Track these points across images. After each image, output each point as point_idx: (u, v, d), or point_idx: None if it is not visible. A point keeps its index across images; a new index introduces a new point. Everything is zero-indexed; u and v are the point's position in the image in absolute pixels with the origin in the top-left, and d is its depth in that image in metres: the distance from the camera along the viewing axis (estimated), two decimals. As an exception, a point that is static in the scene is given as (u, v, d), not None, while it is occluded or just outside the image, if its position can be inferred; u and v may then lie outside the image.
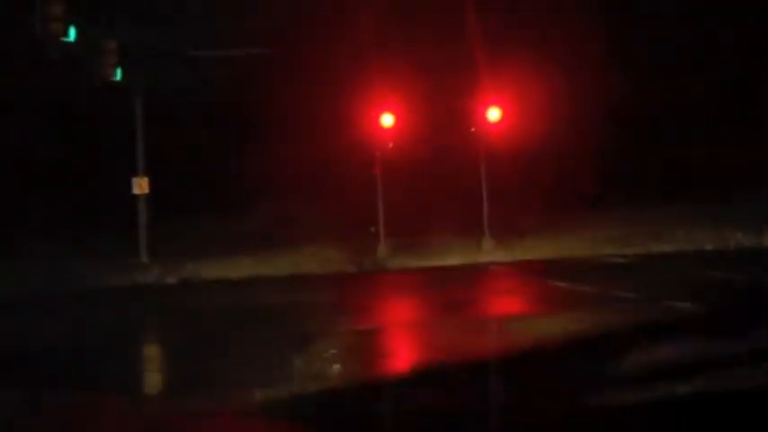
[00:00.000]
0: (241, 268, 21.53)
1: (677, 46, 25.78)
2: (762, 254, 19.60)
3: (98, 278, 20.39)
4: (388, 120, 23.61)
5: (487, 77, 23.97)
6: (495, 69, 23.80)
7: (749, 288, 13.00)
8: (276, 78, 25.47)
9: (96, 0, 22.26)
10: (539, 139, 24.68)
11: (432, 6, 25.53)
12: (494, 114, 23.75)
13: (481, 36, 24.24)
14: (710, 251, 20.70)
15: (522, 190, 25.28)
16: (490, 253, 22.89)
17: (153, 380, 9.35)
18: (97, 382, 8.18)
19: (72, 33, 19.84)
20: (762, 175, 23.64)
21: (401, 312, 14.27)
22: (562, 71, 25.04)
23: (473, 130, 24.33)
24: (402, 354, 10.17)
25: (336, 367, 8.63)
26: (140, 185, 23.02)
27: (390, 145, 24.13)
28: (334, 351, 9.48)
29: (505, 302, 14.74)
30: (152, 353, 11.46)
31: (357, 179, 24.50)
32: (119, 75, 21.69)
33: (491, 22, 24.42)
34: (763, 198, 22.85)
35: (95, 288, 19.55)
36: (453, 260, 22.03)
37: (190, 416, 1.90)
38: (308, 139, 24.85)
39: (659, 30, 26.02)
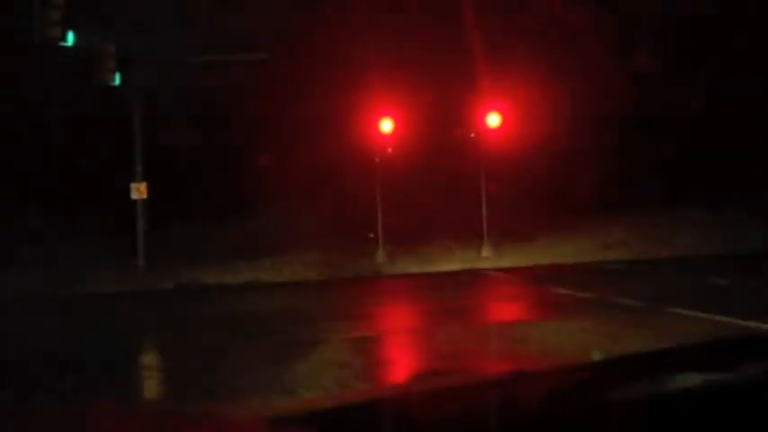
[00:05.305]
0: (239, 274, 21.46)
1: (678, 50, 25.74)
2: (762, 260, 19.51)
3: (96, 283, 20.31)
4: (387, 125, 23.57)
5: (487, 83, 23.94)
6: (494, 74, 23.76)
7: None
8: (275, 83, 25.40)
9: (95, 5, 22.22)
10: (538, 144, 24.61)
11: (431, 11, 25.48)
12: (493, 120, 23.71)
13: (481, 41, 24.20)
14: (711, 257, 20.61)
15: (522, 196, 25.20)
16: (490, 259, 22.82)
17: (152, 386, 9.28)
18: (94, 387, 8.12)
19: (70, 38, 19.80)
20: (763, 182, 23.55)
21: (397, 319, 14.19)
22: (562, 76, 24.98)
23: (473, 135, 24.28)
24: (400, 361, 10.09)
25: (335, 375, 8.54)
26: (138, 190, 22.94)
27: (389, 150, 24.09)
28: (332, 358, 9.40)
29: (504, 310, 14.66)
30: (149, 358, 11.38)
31: (356, 184, 24.44)
32: (117, 80, 21.64)
33: (491, 26, 24.37)
34: (763, 204, 22.77)
35: (94, 293, 19.46)
36: (452, 266, 21.95)
37: (189, 419, 1.82)
38: (306, 144, 24.77)
39: (660, 34, 25.98)
